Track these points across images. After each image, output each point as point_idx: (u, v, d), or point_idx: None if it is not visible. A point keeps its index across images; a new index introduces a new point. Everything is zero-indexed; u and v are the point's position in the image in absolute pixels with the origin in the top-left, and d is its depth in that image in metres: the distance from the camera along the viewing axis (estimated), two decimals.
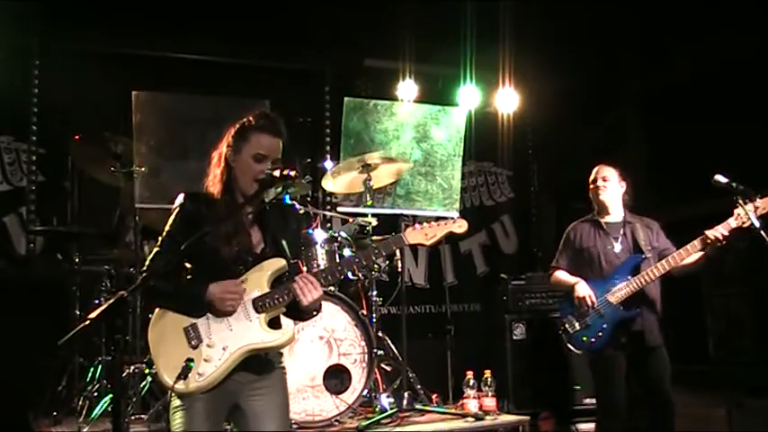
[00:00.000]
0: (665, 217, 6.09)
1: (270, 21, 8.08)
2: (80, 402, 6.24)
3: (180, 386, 3.55)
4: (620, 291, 5.56)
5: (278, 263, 3.76)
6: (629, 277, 5.58)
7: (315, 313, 3.90)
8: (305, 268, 4.68)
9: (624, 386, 5.56)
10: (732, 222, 5.31)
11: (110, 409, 5.93)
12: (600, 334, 5.56)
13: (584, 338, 5.62)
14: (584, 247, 5.85)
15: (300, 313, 3.84)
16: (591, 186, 5.93)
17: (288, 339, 3.71)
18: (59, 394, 6.60)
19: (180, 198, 3.82)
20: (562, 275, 5.92)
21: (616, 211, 5.89)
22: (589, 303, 5.59)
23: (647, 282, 5.54)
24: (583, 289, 5.64)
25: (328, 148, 9.00)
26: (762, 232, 5.17)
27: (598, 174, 5.91)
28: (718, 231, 5.32)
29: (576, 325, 5.66)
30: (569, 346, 5.74)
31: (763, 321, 8.01)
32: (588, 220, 5.97)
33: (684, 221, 6.12)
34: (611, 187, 5.86)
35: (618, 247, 5.75)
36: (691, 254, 5.45)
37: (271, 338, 3.65)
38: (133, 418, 5.88)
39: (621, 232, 5.81)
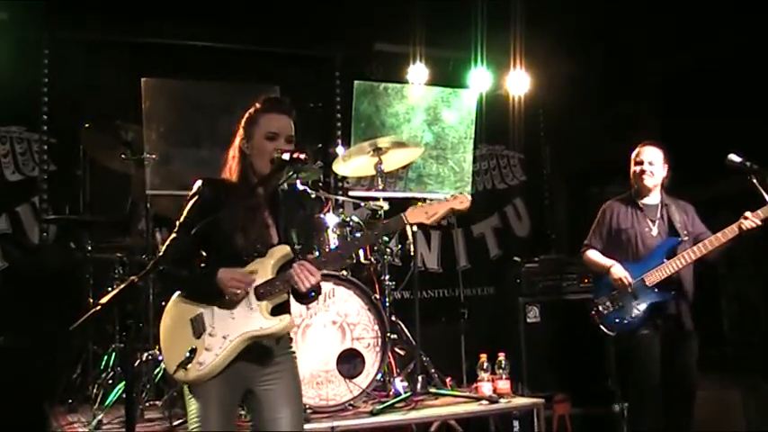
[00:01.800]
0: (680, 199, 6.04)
1: (279, 6, 8.05)
2: (94, 390, 6.25)
3: (180, 374, 3.58)
4: (656, 273, 5.54)
5: (283, 250, 3.77)
6: (665, 260, 5.56)
7: (313, 296, 3.86)
8: (317, 253, 4.65)
9: (656, 368, 5.54)
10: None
11: (123, 395, 5.96)
12: (634, 315, 5.56)
13: (618, 320, 5.62)
14: (621, 228, 5.81)
15: (301, 298, 3.84)
16: (636, 169, 5.82)
17: (286, 326, 3.69)
18: (74, 382, 6.64)
19: (198, 183, 3.82)
20: (596, 256, 5.89)
21: (655, 194, 5.85)
22: (626, 284, 5.57)
23: (683, 265, 5.51)
24: (619, 271, 5.62)
25: (339, 132, 8.96)
26: None
27: (644, 156, 5.81)
28: (755, 219, 5.29)
29: (610, 306, 5.66)
30: (602, 327, 5.72)
31: None
32: (625, 200, 5.92)
33: (698, 204, 6.08)
34: (657, 172, 5.80)
35: (655, 230, 5.73)
36: (729, 237, 5.41)
37: (269, 325, 3.65)
38: (147, 404, 5.88)
39: (658, 215, 5.78)
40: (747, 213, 5.34)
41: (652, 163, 5.78)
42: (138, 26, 8.13)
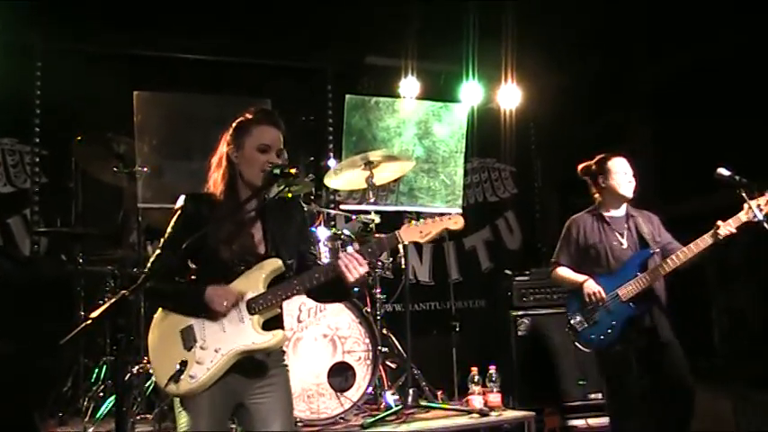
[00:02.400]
0: (668, 212, 6.05)
1: (271, 19, 8.07)
2: (85, 403, 6.25)
3: (172, 388, 3.57)
4: (630, 287, 5.46)
5: (274, 263, 3.76)
6: (638, 273, 5.49)
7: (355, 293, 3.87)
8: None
9: (637, 382, 5.44)
10: (743, 216, 5.25)
11: (114, 408, 5.96)
12: (609, 331, 5.46)
13: (593, 336, 5.51)
14: (589, 243, 5.72)
15: (343, 292, 3.88)
16: (617, 179, 5.70)
17: (278, 341, 3.70)
18: (65, 395, 6.63)
19: (181, 199, 3.83)
20: (566, 272, 5.78)
21: (623, 206, 5.79)
22: (599, 300, 5.48)
23: (658, 277, 5.47)
24: (592, 285, 5.52)
25: (331, 146, 8.99)
26: (766, 225, 5.16)
27: (626, 167, 5.74)
28: (729, 226, 5.28)
29: (585, 322, 5.55)
30: (577, 344, 5.63)
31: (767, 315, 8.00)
32: (590, 214, 5.83)
33: (687, 217, 6.09)
34: (633, 182, 5.74)
35: (624, 243, 5.65)
36: (701, 248, 5.34)
37: (261, 340, 3.65)
38: (138, 417, 5.88)
39: (626, 226, 5.71)
40: (720, 222, 5.33)
41: (629, 173, 5.74)
42: (130, 38, 8.15)
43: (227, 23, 8.06)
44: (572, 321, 5.62)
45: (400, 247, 6.41)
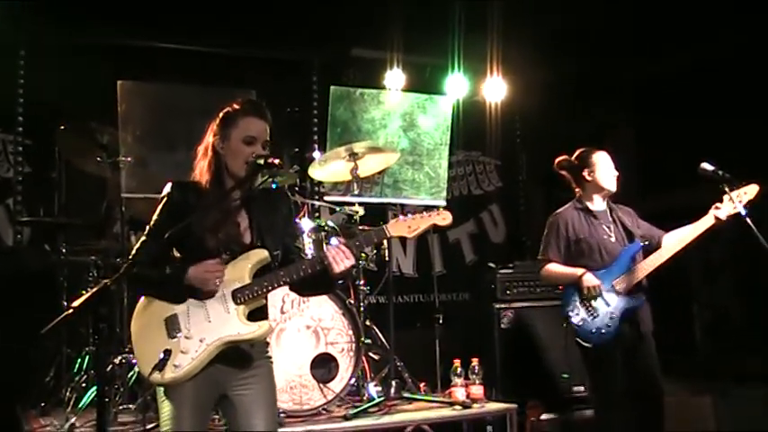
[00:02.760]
0: (651, 206, 6.08)
1: (256, 10, 8.05)
2: (68, 393, 6.24)
3: (156, 377, 3.57)
4: (627, 279, 5.48)
5: (260, 254, 3.77)
6: (633, 265, 5.52)
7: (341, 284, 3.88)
8: None
9: (621, 375, 5.46)
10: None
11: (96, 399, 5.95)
12: (609, 325, 5.44)
13: (593, 330, 5.47)
14: (580, 238, 5.67)
15: (328, 284, 3.87)
16: (605, 173, 5.71)
17: (264, 332, 3.70)
18: (47, 385, 6.61)
19: (167, 187, 3.83)
20: (559, 268, 5.69)
21: (605, 200, 5.80)
22: (599, 292, 5.47)
23: (654, 268, 5.48)
24: (591, 279, 5.48)
25: (316, 137, 8.98)
26: (748, 220, 5.19)
27: (610, 162, 5.75)
28: (728, 207, 5.30)
29: (585, 317, 5.51)
30: (578, 339, 5.55)
31: (749, 311, 8.05)
32: (575, 208, 5.80)
33: (669, 211, 6.11)
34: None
35: (612, 236, 5.66)
36: (701, 231, 5.38)
37: (247, 331, 3.65)
38: (121, 407, 5.88)
39: (611, 220, 5.72)
40: (718, 204, 5.37)
41: (614, 167, 5.76)
42: (114, 29, 8.09)
43: (213, 14, 8.02)
44: (571, 316, 5.55)
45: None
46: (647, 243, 5.64)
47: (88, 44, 8.12)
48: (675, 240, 5.48)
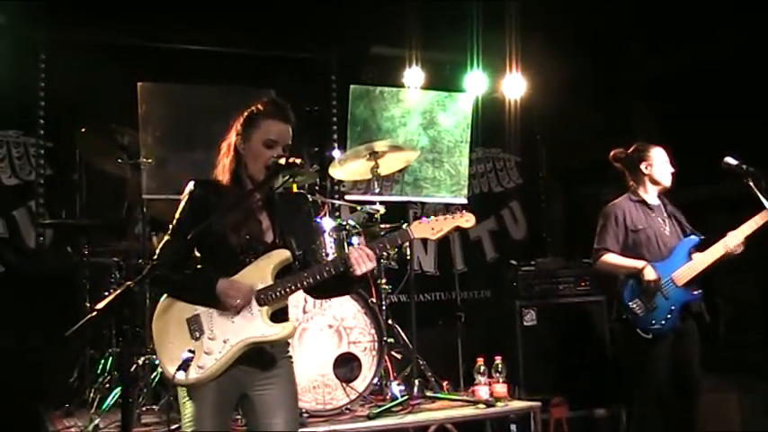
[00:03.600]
0: (674, 202, 6.03)
1: (275, 10, 8.06)
2: (91, 394, 6.27)
3: (180, 377, 3.56)
4: (685, 272, 5.49)
5: (282, 254, 3.76)
6: (689, 259, 5.53)
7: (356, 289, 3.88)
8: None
9: (664, 370, 5.51)
10: (759, 220, 5.38)
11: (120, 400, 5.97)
12: (669, 316, 5.47)
13: (654, 321, 5.49)
14: (638, 229, 5.70)
15: (349, 285, 3.88)
16: (667, 169, 5.77)
17: (288, 333, 3.70)
18: (71, 386, 6.64)
19: (190, 185, 3.83)
20: (618, 259, 5.70)
21: (657, 194, 5.85)
22: (660, 285, 5.48)
23: (712, 262, 5.49)
24: (653, 272, 5.50)
25: (335, 136, 8.98)
26: None
27: (665, 157, 5.79)
28: (738, 238, 5.41)
29: (646, 308, 5.51)
30: (638, 330, 5.54)
31: None
32: (631, 200, 5.82)
33: (691, 206, 6.09)
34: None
35: (667, 229, 5.70)
36: (713, 259, 5.46)
37: (271, 332, 3.65)
38: (144, 408, 5.88)
39: (665, 213, 5.77)
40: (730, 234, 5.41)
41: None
42: (134, 30, 8.13)
43: (231, 14, 8.03)
44: (632, 307, 5.56)
45: None
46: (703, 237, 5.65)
47: (108, 45, 8.15)
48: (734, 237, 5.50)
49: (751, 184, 5.30)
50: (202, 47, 8.48)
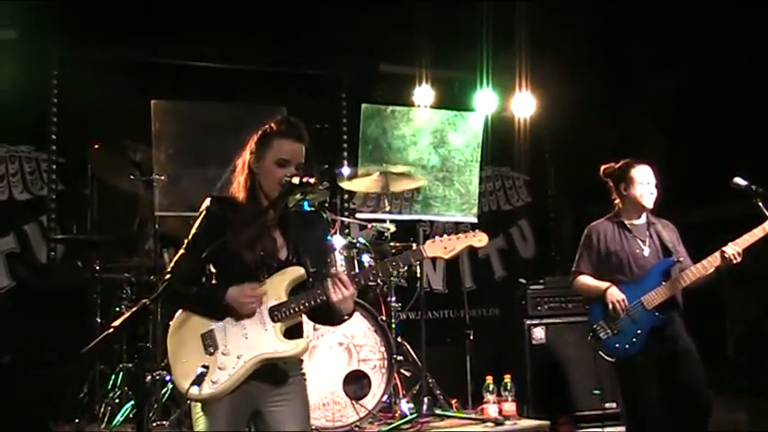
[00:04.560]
0: (682, 220, 5.99)
1: (286, 28, 8.11)
2: (102, 409, 6.29)
3: (194, 392, 3.57)
4: (655, 296, 5.38)
5: (296, 271, 3.77)
6: (663, 282, 5.42)
7: (345, 318, 3.91)
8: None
9: (655, 392, 5.38)
10: (758, 232, 5.26)
11: (132, 415, 5.99)
12: (634, 340, 5.37)
13: (618, 345, 5.42)
14: (611, 251, 5.60)
15: (330, 316, 3.87)
16: (644, 190, 5.58)
17: (301, 350, 3.71)
18: (81, 401, 6.65)
19: (206, 202, 3.85)
20: (588, 281, 5.65)
21: (644, 214, 5.67)
22: (623, 308, 5.39)
23: (682, 287, 5.40)
24: (616, 293, 5.42)
25: (345, 153, 9.01)
26: None
27: (649, 177, 5.62)
28: (736, 246, 5.26)
29: (609, 331, 5.45)
30: (601, 353, 5.52)
31: None
32: (611, 221, 5.71)
33: (701, 225, 6.08)
34: (655, 193, 5.62)
35: (646, 251, 5.55)
36: (712, 266, 5.32)
37: (284, 348, 3.66)
38: (154, 424, 5.90)
39: (647, 234, 5.61)
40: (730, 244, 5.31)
41: (651, 183, 5.61)
42: (146, 47, 8.19)
43: (243, 32, 8.09)
44: (596, 329, 5.50)
45: None
46: (678, 260, 5.54)
47: (120, 62, 8.22)
48: (694, 271, 5.41)
49: (760, 204, 5.28)
50: (214, 64, 8.52)
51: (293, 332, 3.76)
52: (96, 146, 6.67)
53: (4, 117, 7.79)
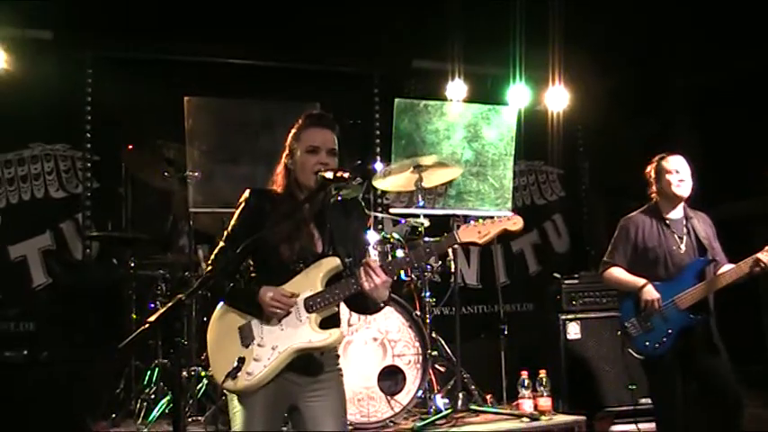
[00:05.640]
0: (717, 215, 5.92)
1: (318, 24, 8.11)
2: (137, 405, 6.33)
3: (229, 384, 3.61)
4: (688, 296, 5.30)
5: (332, 262, 3.78)
6: (697, 282, 5.34)
7: (381, 306, 3.91)
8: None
9: (683, 391, 5.34)
10: None
11: (167, 411, 6.03)
12: (664, 339, 5.31)
13: (647, 343, 5.36)
14: (648, 247, 5.51)
15: (366, 304, 3.88)
16: (670, 178, 5.49)
17: (335, 340, 3.72)
18: (117, 396, 6.70)
19: (246, 194, 3.89)
20: (622, 274, 5.56)
21: (679, 207, 5.57)
22: (657, 308, 5.33)
23: (716, 289, 5.32)
24: (652, 292, 5.35)
25: (378, 149, 9.01)
26: None
27: (675, 165, 5.52)
28: None
29: (640, 329, 5.40)
30: (630, 350, 5.47)
31: None
32: (649, 215, 5.61)
33: (736, 219, 5.99)
34: (688, 182, 5.50)
35: (683, 247, 5.46)
36: (746, 270, 5.23)
37: (319, 339, 3.67)
38: (189, 420, 5.93)
39: (684, 230, 5.52)
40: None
41: (687, 173, 5.51)
42: (179, 46, 8.24)
43: (275, 29, 8.10)
44: (626, 326, 5.46)
45: (449, 250, 6.39)
46: (713, 259, 5.47)
47: (153, 61, 8.28)
48: (727, 276, 5.33)
49: None
50: (248, 61, 8.56)
51: (329, 323, 3.76)
52: (130, 144, 6.72)
53: (40, 116, 7.89)
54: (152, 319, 3.14)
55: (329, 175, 3.73)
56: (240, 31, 8.05)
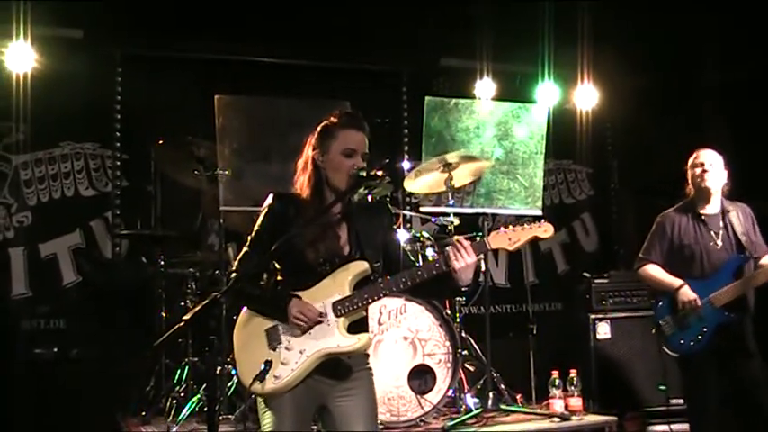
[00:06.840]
0: (753, 210, 5.85)
1: (347, 23, 8.11)
2: (168, 403, 6.35)
3: (256, 387, 3.59)
4: (724, 294, 5.26)
5: (360, 266, 3.75)
6: (733, 279, 5.30)
7: (464, 289, 3.83)
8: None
9: (717, 391, 5.32)
10: None
11: (197, 409, 6.05)
12: (699, 337, 5.29)
13: (682, 341, 5.35)
14: (684, 244, 5.48)
15: (441, 288, 3.89)
16: (696, 171, 5.50)
17: (363, 345, 3.68)
18: (147, 394, 6.73)
19: (269, 198, 3.85)
20: (659, 272, 5.54)
21: (715, 201, 5.51)
22: (694, 309, 5.29)
23: (753, 287, 5.30)
24: (689, 293, 5.31)
25: (406, 147, 9.00)
26: None
27: (700, 158, 5.50)
28: None
29: (675, 327, 5.38)
30: (665, 348, 5.46)
31: None
32: (684, 211, 5.57)
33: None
34: (715, 173, 5.45)
35: (719, 243, 5.42)
36: None
37: (347, 343, 3.64)
38: (220, 418, 5.94)
39: (721, 225, 5.47)
40: None
41: (712, 164, 5.47)
42: (208, 44, 8.25)
43: (305, 28, 8.10)
44: (661, 324, 5.45)
45: None
46: (751, 256, 5.42)
47: (183, 59, 8.31)
48: (764, 277, 5.31)
49: None
50: (276, 60, 8.56)
51: (358, 326, 3.74)
52: (160, 142, 6.75)
53: (70, 115, 7.91)
54: (187, 317, 3.15)
55: (363, 173, 3.73)
56: (270, 29, 8.05)
